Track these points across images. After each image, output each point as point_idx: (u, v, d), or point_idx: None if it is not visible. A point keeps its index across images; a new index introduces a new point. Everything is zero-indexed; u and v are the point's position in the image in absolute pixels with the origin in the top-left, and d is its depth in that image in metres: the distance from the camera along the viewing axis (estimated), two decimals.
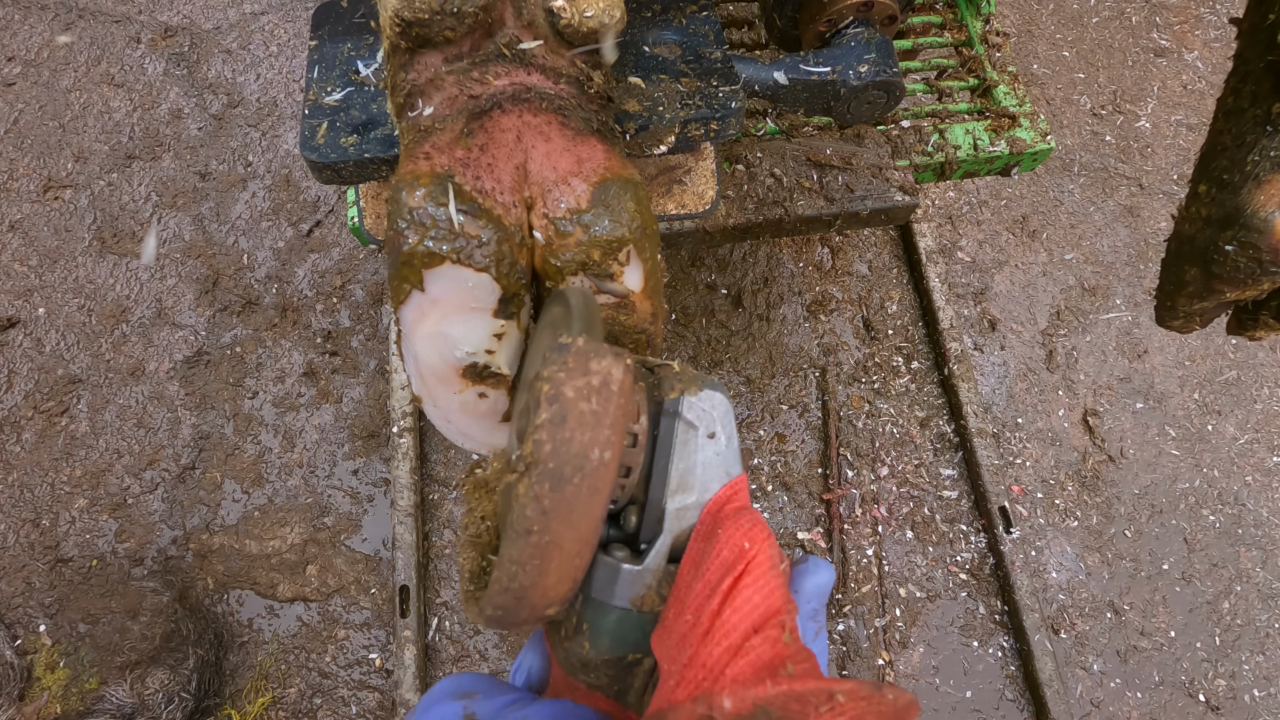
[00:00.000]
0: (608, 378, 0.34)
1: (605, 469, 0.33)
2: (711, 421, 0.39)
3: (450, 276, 0.46)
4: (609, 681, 0.39)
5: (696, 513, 0.39)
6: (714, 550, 0.36)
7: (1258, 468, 1.38)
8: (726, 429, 0.40)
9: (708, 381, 0.40)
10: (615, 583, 0.38)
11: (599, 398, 0.33)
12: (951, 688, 1.21)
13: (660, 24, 0.66)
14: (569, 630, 0.39)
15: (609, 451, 0.33)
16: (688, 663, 0.33)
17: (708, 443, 0.39)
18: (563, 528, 0.33)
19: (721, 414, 0.40)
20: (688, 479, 0.39)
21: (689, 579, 0.36)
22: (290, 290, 1.40)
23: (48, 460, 1.27)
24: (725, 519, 0.37)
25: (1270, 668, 1.26)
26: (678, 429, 0.39)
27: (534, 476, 0.33)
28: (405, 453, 1.23)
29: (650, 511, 0.39)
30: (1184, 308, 0.62)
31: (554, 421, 0.33)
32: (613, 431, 0.34)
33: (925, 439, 1.35)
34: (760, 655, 0.32)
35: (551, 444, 0.33)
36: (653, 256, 0.51)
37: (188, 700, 1.10)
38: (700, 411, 0.39)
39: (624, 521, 0.40)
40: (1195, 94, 1.68)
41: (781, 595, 0.35)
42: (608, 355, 0.35)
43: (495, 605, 0.35)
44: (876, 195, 0.92)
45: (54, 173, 1.47)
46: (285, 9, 1.63)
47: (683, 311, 1.40)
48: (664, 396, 0.39)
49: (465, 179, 0.48)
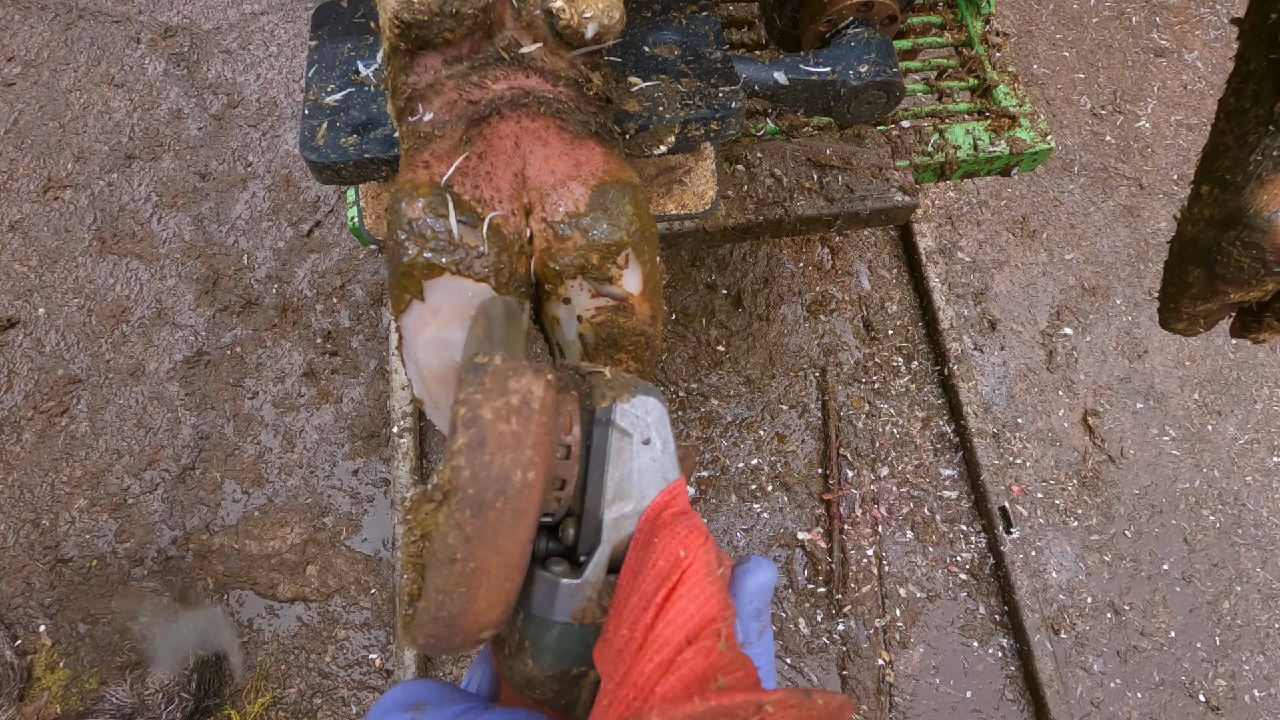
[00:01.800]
0: (527, 396, 0.33)
1: (529, 490, 0.33)
2: (646, 427, 0.39)
3: (450, 287, 0.46)
4: (555, 696, 0.38)
5: (635, 521, 0.38)
6: (650, 560, 0.35)
7: (1258, 468, 1.38)
8: (662, 434, 0.39)
9: (641, 386, 0.40)
10: (554, 598, 0.37)
11: (519, 418, 0.32)
12: (951, 688, 1.21)
13: (660, 24, 0.66)
14: (511, 648, 0.38)
15: (532, 472, 0.33)
16: (620, 680, 0.33)
17: (643, 449, 0.38)
18: (488, 553, 0.32)
19: (656, 419, 0.39)
20: (624, 487, 0.38)
21: (627, 590, 0.36)
22: (290, 290, 1.40)
23: (48, 460, 1.27)
24: (662, 526, 0.37)
25: (1270, 668, 1.26)
26: (611, 437, 0.38)
27: (454, 504, 0.32)
28: (405, 453, 1.23)
29: (587, 523, 0.38)
30: (1188, 310, 0.61)
31: (472, 446, 0.32)
32: (535, 451, 0.33)
33: (925, 439, 1.35)
34: (693, 669, 0.32)
35: (470, 469, 0.32)
36: (651, 259, 0.51)
37: (188, 700, 1.10)
38: (634, 418, 0.38)
39: (562, 534, 0.39)
40: (1195, 94, 1.68)
41: (718, 602, 0.34)
42: (527, 373, 0.34)
43: (426, 634, 0.34)
44: (876, 195, 0.92)
45: (54, 173, 1.46)
46: (285, 9, 1.63)
47: (683, 311, 1.40)
48: (596, 405, 0.38)
49: (464, 188, 0.48)
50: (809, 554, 1.26)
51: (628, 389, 0.39)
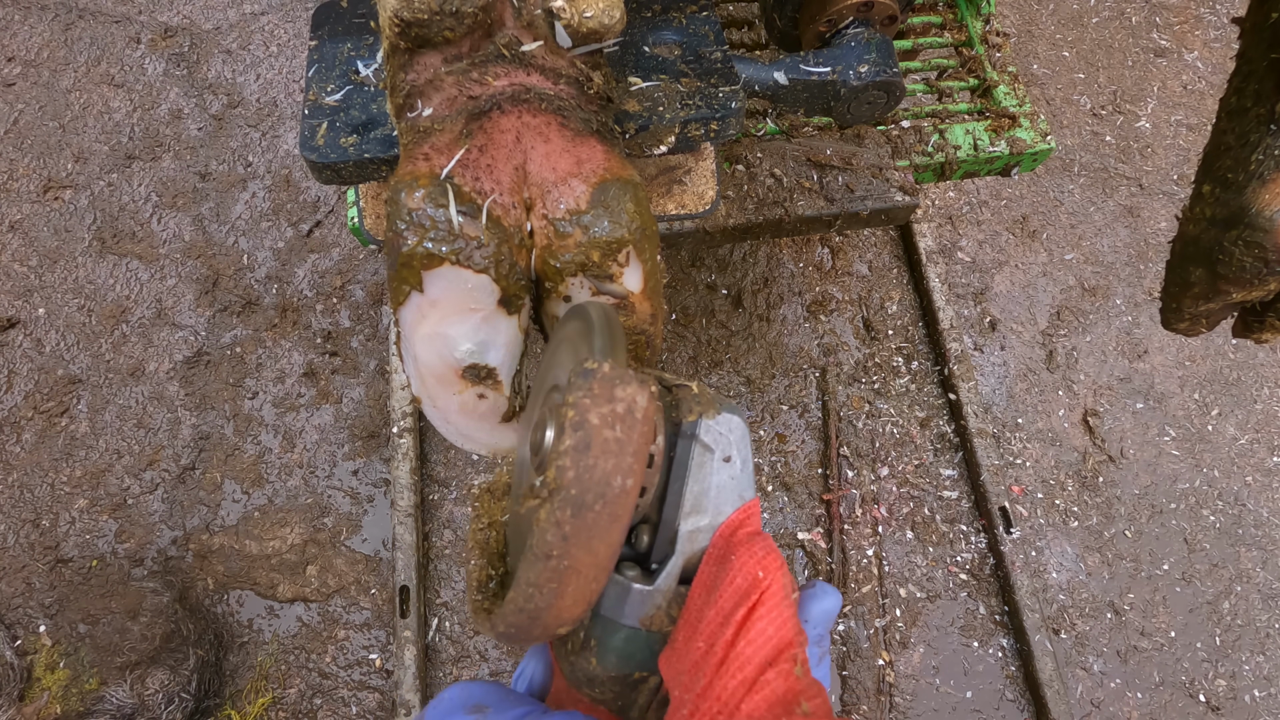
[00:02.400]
0: (632, 405, 0.34)
1: (627, 496, 0.34)
2: (728, 445, 0.39)
3: (449, 278, 0.46)
4: (613, 697, 0.39)
5: (709, 535, 0.39)
6: (727, 577, 0.36)
7: (1258, 468, 1.38)
8: (742, 453, 0.40)
9: (726, 404, 0.40)
10: (625, 602, 0.38)
11: (623, 425, 0.33)
12: (952, 688, 1.21)
13: (660, 24, 0.66)
14: (575, 645, 0.39)
15: (631, 479, 0.33)
16: (702, 693, 0.33)
17: (723, 466, 0.39)
18: (582, 553, 0.33)
19: (738, 438, 0.40)
20: (702, 501, 0.39)
21: (701, 603, 0.36)
22: (290, 290, 1.40)
23: (48, 460, 1.27)
24: (738, 544, 0.37)
25: (1270, 668, 1.25)
26: (694, 451, 0.39)
27: (556, 502, 0.33)
28: (405, 453, 1.23)
29: (663, 532, 0.39)
30: (1190, 310, 0.61)
31: (578, 449, 0.33)
32: (635, 459, 0.34)
33: (925, 439, 1.35)
34: (774, 690, 0.33)
35: (575, 470, 0.33)
36: (652, 257, 0.51)
37: (188, 701, 1.10)
38: (717, 435, 0.39)
39: (635, 540, 0.40)
40: (1195, 94, 1.68)
41: (793, 626, 0.35)
42: (633, 382, 0.34)
43: (509, 624, 0.35)
44: (876, 195, 0.92)
45: (54, 173, 1.46)
46: (285, 9, 1.63)
47: (683, 312, 1.40)
48: (682, 419, 0.39)
49: (464, 180, 0.48)
50: (809, 554, 1.26)
51: (713, 405, 0.40)
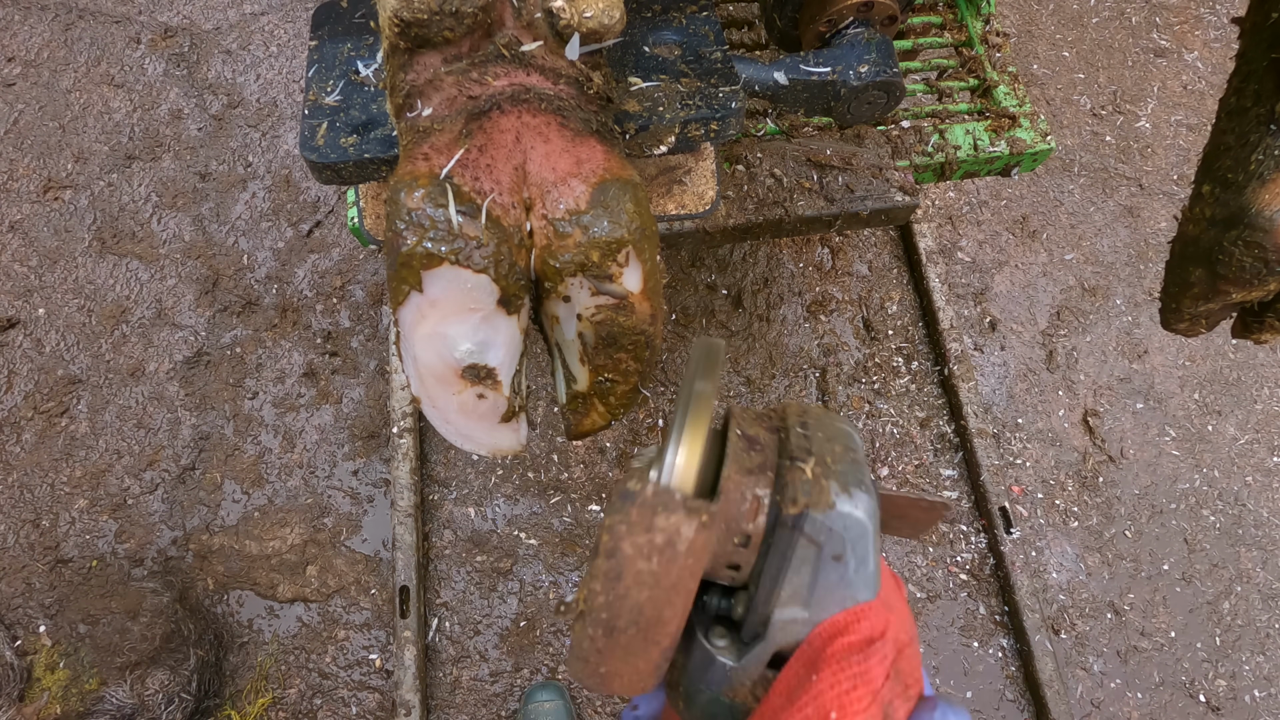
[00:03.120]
0: (674, 537, 0.32)
1: (664, 625, 0.32)
2: (840, 543, 0.35)
3: (449, 277, 0.46)
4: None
5: (806, 629, 0.36)
6: (804, 697, 0.34)
7: (1258, 468, 1.38)
8: (859, 551, 0.36)
9: (845, 495, 0.36)
10: (709, 670, 0.37)
11: (660, 558, 0.31)
12: (952, 688, 1.21)
13: (660, 24, 0.66)
14: (672, 681, 0.39)
15: (669, 610, 0.32)
16: None
17: (832, 565, 0.36)
18: (619, 665, 0.33)
19: (855, 535, 0.36)
20: (801, 594, 0.36)
21: (778, 705, 0.35)
22: (290, 291, 1.40)
23: (48, 461, 1.27)
24: (831, 658, 0.35)
25: (1270, 668, 1.25)
26: (797, 543, 0.35)
27: (587, 622, 0.32)
28: (405, 453, 1.23)
29: (754, 614, 0.36)
30: (1190, 310, 0.61)
31: (609, 575, 0.32)
32: (674, 593, 0.32)
33: (925, 439, 1.35)
34: None
35: (605, 597, 0.32)
36: (652, 257, 0.51)
37: (188, 701, 1.10)
38: (827, 531, 0.35)
39: (734, 605, 0.38)
40: (1195, 94, 1.68)
41: None
42: (678, 511, 0.32)
43: (574, 677, 0.36)
44: (876, 195, 0.92)
45: (54, 173, 1.46)
46: (285, 9, 1.63)
47: (683, 312, 1.40)
48: (786, 508, 0.35)
49: (464, 180, 0.48)
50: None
51: (826, 496, 0.35)
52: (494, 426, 0.51)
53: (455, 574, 1.23)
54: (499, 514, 1.26)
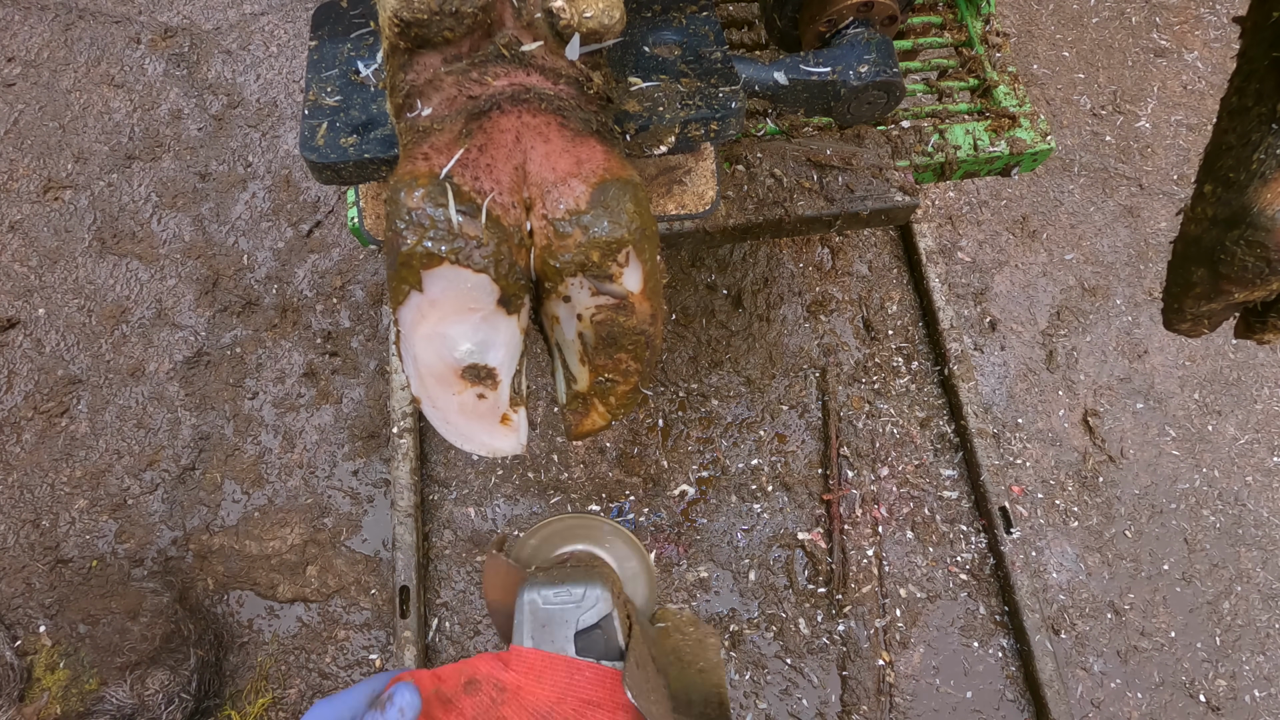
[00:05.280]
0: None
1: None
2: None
3: (449, 277, 0.46)
4: None
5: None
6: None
7: (1258, 468, 1.38)
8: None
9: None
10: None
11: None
12: (952, 688, 1.21)
13: (660, 24, 0.66)
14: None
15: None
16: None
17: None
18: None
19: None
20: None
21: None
22: (290, 291, 1.40)
23: (48, 461, 1.27)
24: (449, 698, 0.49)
25: (1271, 668, 1.25)
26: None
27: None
28: (405, 453, 1.23)
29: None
30: (1192, 310, 0.61)
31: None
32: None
33: (925, 439, 1.35)
34: None
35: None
36: (652, 257, 0.51)
37: (188, 701, 1.10)
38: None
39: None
40: (1195, 94, 1.68)
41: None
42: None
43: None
44: (876, 195, 0.92)
45: (54, 173, 1.46)
46: (285, 9, 1.63)
47: (683, 312, 1.40)
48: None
49: (464, 180, 0.48)
50: (809, 554, 1.26)
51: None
52: (494, 427, 0.51)
53: (455, 574, 1.23)
54: (499, 514, 1.26)
